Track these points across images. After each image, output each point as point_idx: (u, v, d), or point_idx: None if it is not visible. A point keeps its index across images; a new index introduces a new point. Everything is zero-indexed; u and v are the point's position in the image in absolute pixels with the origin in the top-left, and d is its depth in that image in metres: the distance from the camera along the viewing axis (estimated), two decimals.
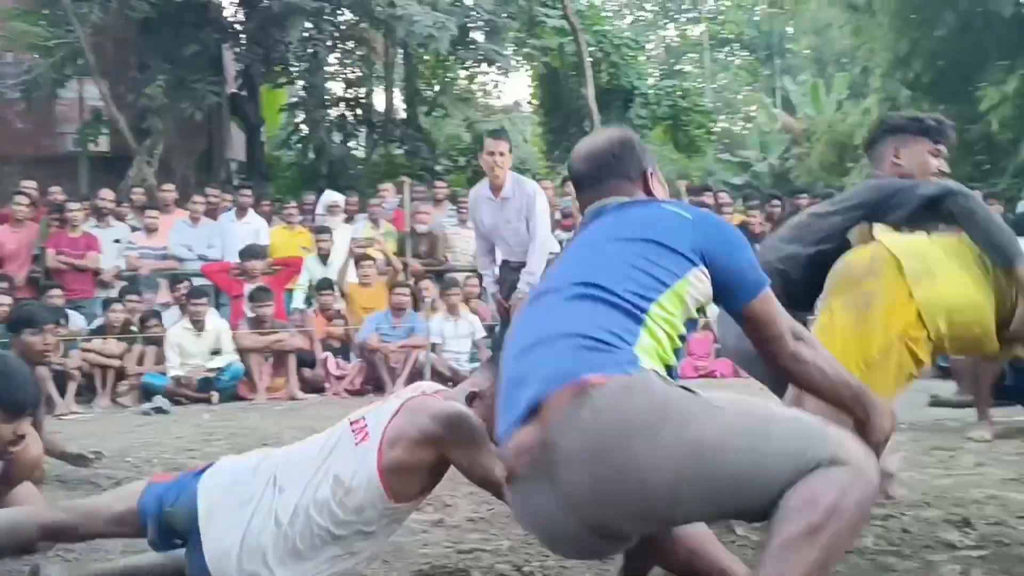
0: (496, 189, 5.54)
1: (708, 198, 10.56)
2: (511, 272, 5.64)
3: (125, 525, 2.44)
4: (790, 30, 31.13)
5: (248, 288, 8.15)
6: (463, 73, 19.28)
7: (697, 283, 1.88)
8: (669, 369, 1.84)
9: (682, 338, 1.91)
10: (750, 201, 10.77)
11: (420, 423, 2.29)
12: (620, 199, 2.06)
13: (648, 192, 2.13)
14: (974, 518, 3.08)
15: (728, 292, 1.94)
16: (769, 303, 1.94)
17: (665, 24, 35.56)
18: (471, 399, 2.41)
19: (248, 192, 9.57)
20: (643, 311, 1.79)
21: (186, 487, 2.40)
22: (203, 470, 2.47)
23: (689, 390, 1.71)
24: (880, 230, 2.96)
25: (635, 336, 1.76)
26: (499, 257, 5.83)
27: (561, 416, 1.63)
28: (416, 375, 7.93)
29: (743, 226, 10.11)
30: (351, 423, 2.41)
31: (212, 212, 9.47)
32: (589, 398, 1.62)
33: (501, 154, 5.49)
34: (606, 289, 1.79)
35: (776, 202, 10.66)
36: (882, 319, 2.69)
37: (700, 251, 1.88)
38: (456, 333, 8.44)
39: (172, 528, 2.38)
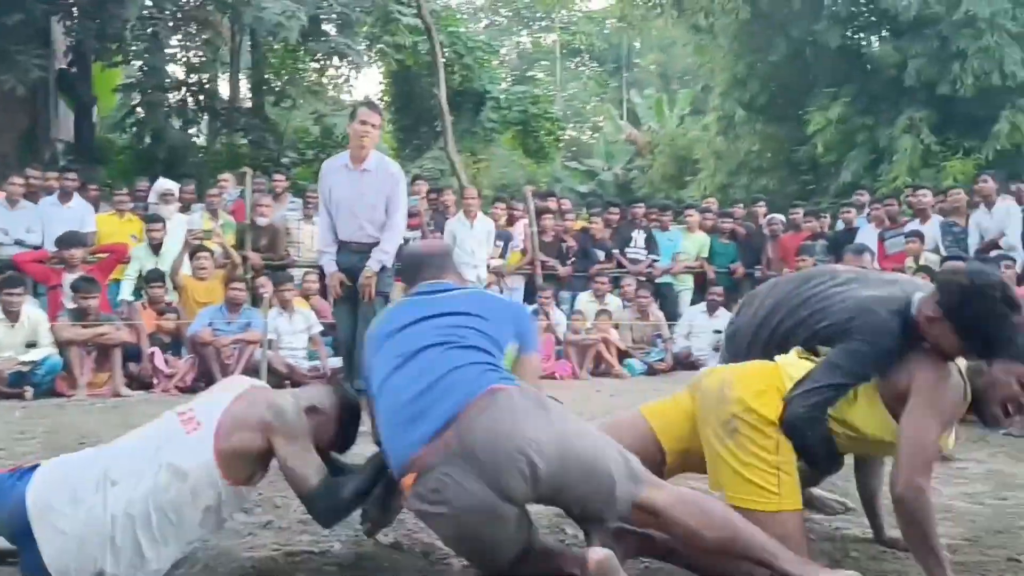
0: (358, 160, 5.43)
1: (552, 203, 10.77)
2: (351, 256, 5.47)
3: None
4: (638, 45, 32.25)
5: (68, 278, 7.64)
6: (313, 65, 18.84)
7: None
8: None
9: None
10: (592, 208, 11.07)
11: (258, 411, 2.52)
12: (455, 283, 2.96)
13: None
14: None
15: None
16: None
17: (519, 30, 36.08)
18: (310, 411, 2.66)
19: (73, 175, 8.95)
20: (500, 354, 2.63)
21: (6, 490, 2.41)
22: (26, 471, 2.48)
23: (554, 398, 2.59)
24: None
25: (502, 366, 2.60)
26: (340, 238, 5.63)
27: (477, 412, 2.33)
28: (251, 371, 7.68)
29: (584, 231, 10.42)
30: (178, 415, 2.55)
31: (33, 195, 8.82)
32: (496, 399, 2.37)
33: (373, 126, 5.42)
34: (475, 345, 2.58)
35: (614, 209, 11.01)
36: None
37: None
38: (292, 328, 8.23)
39: None
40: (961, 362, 2.59)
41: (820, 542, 2.98)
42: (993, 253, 8.04)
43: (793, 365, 2.67)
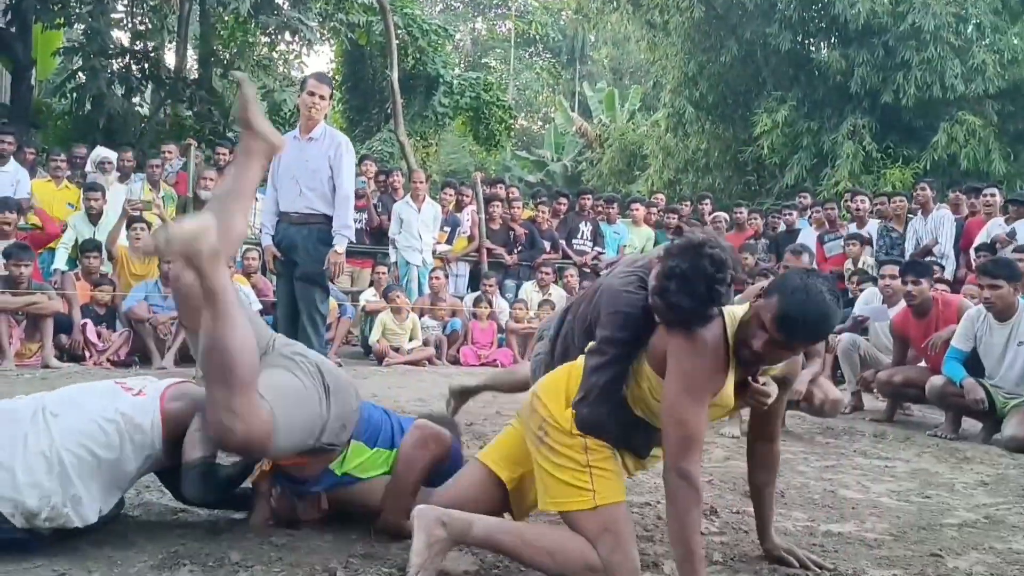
0: (306, 131, 5.41)
1: (500, 190, 10.76)
2: (290, 228, 5.42)
3: None
4: (592, 38, 32.34)
5: (1, 245, 7.39)
6: (264, 39, 18.48)
7: None
8: None
9: None
10: (539, 198, 11.09)
11: (193, 389, 2.70)
12: None
13: None
14: (719, 507, 3.32)
15: None
16: None
17: (474, 16, 35.93)
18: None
19: (10, 138, 8.65)
20: None
21: None
22: None
23: None
24: None
25: None
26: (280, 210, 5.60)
27: None
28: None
29: (531, 221, 10.43)
30: (118, 384, 2.66)
31: None
32: None
33: (321, 97, 5.40)
34: None
35: (563, 200, 11.05)
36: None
37: None
38: None
39: None
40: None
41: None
42: (927, 259, 8.27)
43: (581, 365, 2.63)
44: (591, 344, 2.62)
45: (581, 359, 2.63)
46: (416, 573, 2.29)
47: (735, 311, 2.43)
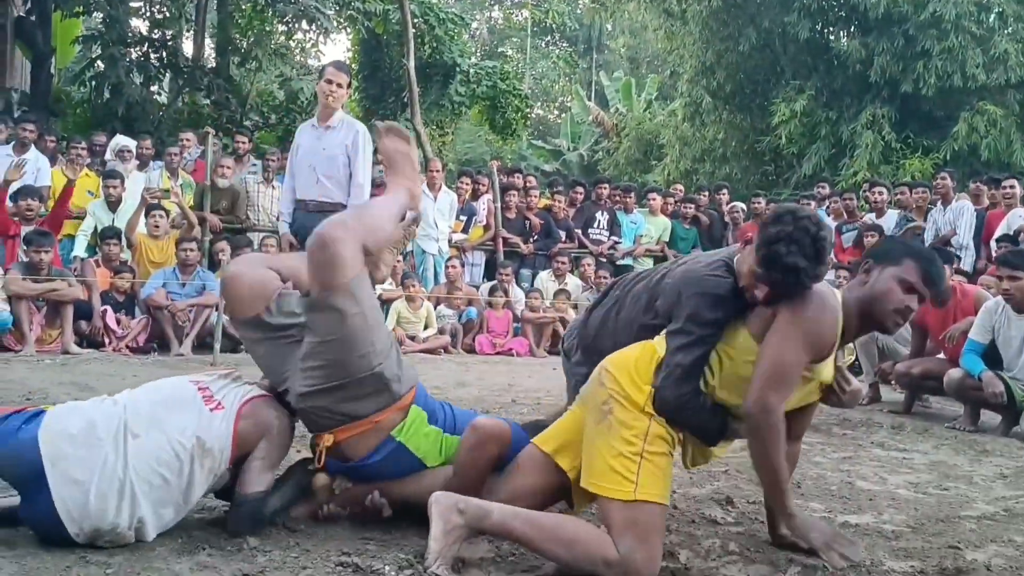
0: (324, 119, 5.45)
1: (517, 179, 10.74)
2: (307, 215, 5.43)
3: None
4: (609, 27, 32.20)
5: (25, 231, 7.44)
6: (281, 28, 18.48)
7: None
8: None
9: None
10: (555, 187, 11.06)
11: (269, 412, 2.64)
12: None
13: None
14: (736, 497, 3.32)
15: None
16: None
17: (491, 5, 35.81)
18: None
19: (31, 126, 8.70)
20: None
21: (9, 435, 2.37)
22: (32, 415, 2.44)
23: None
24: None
25: None
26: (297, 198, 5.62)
27: None
28: (206, 335, 7.59)
29: (547, 210, 10.41)
30: (198, 389, 2.60)
31: None
32: None
33: (339, 85, 5.43)
34: None
35: (580, 189, 11.02)
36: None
37: None
38: None
39: None
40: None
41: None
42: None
43: (662, 344, 2.61)
44: (672, 325, 2.58)
45: (656, 341, 2.61)
46: (434, 560, 2.30)
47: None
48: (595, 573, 2.33)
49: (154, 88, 16.82)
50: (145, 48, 15.98)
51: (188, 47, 17.26)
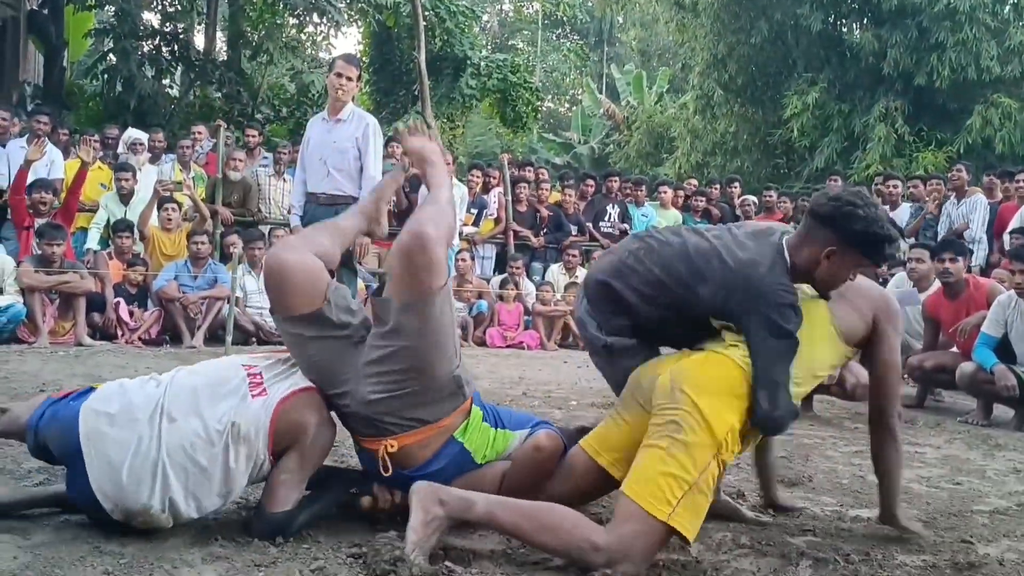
0: (334, 112, 5.45)
1: (529, 173, 10.73)
2: (318, 208, 5.43)
3: (23, 434, 2.51)
4: (620, 20, 32.07)
5: (39, 224, 7.49)
6: (292, 21, 18.51)
7: None
8: None
9: None
10: (566, 181, 11.04)
11: (312, 413, 2.49)
12: None
13: None
14: (747, 491, 3.32)
15: None
16: None
17: None
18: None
19: (45, 119, 8.74)
20: None
21: (61, 409, 2.42)
22: (83, 392, 2.47)
23: None
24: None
25: None
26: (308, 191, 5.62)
27: None
28: (218, 327, 7.62)
29: (558, 204, 10.40)
30: (247, 371, 2.52)
31: (1, 136, 8.60)
32: None
33: (348, 79, 5.43)
34: None
35: (591, 182, 11.00)
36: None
37: None
38: (259, 288, 8.17)
39: (46, 445, 2.44)
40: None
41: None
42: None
43: (737, 356, 2.54)
44: (754, 339, 2.52)
45: (727, 352, 2.55)
46: (412, 551, 2.25)
47: None
48: (583, 559, 2.30)
49: (166, 81, 16.91)
50: (157, 41, 16.05)
51: (200, 40, 17.32)
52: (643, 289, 2.71)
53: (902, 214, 9.35)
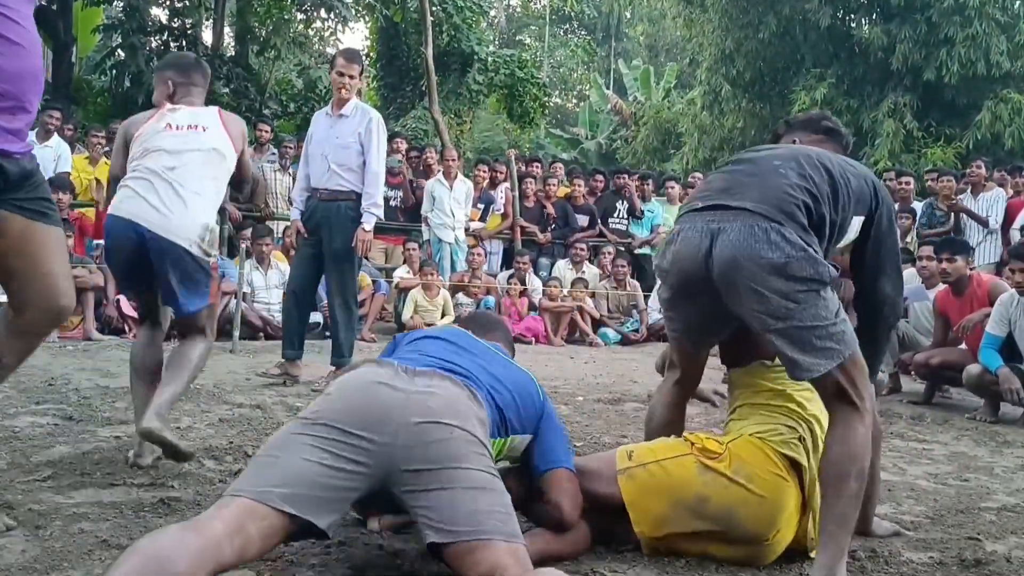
0: (338, 107, 5.45)
1: (536, 169, 10.72)
2: (320, 204, 5.41)
3: None
4: (628, 15, 32.02)
5: None
6: (299, 16, 18.51)
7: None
8: None
9: None
10: (574, 175, 11.03)
11: None
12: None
13: None
14: None
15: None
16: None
17: None
18: None
19: (57, 113, 8.75)
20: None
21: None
22: None
23: None
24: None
25: None
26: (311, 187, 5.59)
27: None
28: (225, 322, 7.62)
29: (567, 198, 10.38)
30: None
31: None
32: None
33: (351, 76, 5.41)
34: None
35: (600, 177, 10.98)
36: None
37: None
38: (266, 283, 8.21)
39: None
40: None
41: None
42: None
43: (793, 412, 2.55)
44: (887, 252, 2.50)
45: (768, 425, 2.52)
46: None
47: None
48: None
49: None
50: (165, 37, 16.06)
51: (207, 36, 17.30)
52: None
53: (915, 208, 9.30)
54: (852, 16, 16.12)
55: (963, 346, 5.84)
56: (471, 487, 1.96)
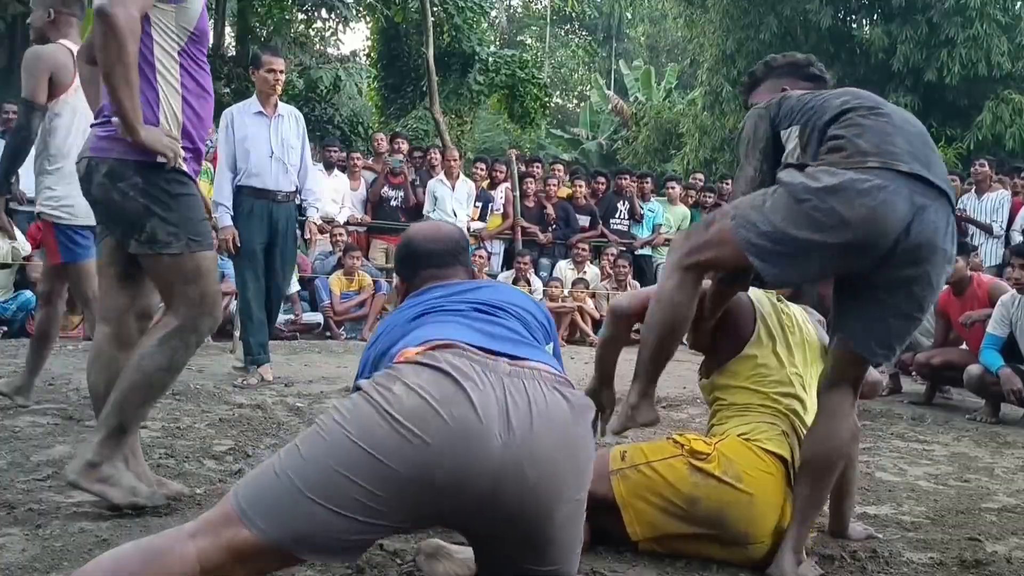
0: (271, 107, 5.42)
1: (537, 169, 10.71)
2: (275, 207, 5.33)
3: None
4: (629, 16, 32.02)
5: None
6: (300, 16, 18.53)
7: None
8: None
9: None
10: (576, 176, 11.01)
11: None
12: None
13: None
14: None
15: None
16: None
17: None
18: None
19: None
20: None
21: None
22: None
23: None
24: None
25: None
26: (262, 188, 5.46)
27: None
28: (226, 322, 7.62)
29: (569, 199, 10.37)
30: None
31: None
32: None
33: (281, 72, 5.40)
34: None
35: (601, 179, 10.97)
36: None
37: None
38: None
39: None
40: None
41: None
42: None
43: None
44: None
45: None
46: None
47: None
48: None
49: None
50: None
51: (209, 36, 17.34)
52: None
53: None
54: (853, 17, 16.11)
55: (964, 346, 5.84)
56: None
